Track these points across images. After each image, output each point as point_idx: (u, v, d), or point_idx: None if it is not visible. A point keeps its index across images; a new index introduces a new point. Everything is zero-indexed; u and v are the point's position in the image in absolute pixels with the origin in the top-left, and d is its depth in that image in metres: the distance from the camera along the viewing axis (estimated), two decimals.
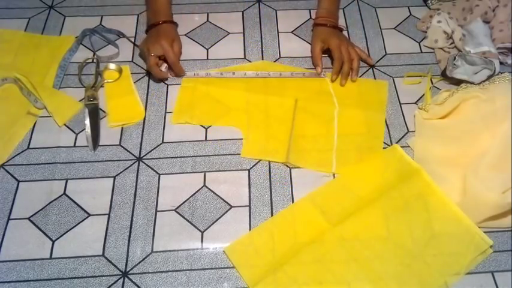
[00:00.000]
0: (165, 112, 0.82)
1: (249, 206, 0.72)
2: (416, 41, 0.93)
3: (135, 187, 0.73)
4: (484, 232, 0.68)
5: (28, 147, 0.77)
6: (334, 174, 0.75)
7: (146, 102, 0.83)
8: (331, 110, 0.82)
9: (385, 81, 0.87)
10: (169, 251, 0.67)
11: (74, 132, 0.79)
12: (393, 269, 0.65)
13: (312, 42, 0.89)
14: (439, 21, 0.89)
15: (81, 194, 0.72)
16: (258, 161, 0.76)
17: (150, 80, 0.86)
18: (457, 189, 0.71)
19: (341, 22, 0.95)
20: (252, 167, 0.76)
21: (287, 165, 0.76)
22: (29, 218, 0.70)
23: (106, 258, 0.67)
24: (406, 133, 0.80)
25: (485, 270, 0.66)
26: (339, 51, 0.84)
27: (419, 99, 0.84)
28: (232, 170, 0.75)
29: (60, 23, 0.94)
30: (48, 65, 0.86)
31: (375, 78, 0.87)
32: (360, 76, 0.87)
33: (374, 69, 0.88)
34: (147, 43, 0.83)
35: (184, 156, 0.76)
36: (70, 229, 0.69)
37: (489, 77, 0.80)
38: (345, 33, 0.92)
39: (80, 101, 0.82)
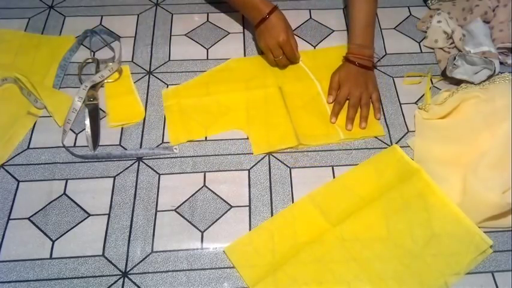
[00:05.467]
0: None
1: (249, 206, 0.72)
2: (416, 41, 0.93)
3: (135, 187, 0.73)
4: (484, 232, 0.68)
5: (28, 147, 0.77)
6: (334, 174, 0.75)
7: (146, 102, 0.83)
8: (314, 86, 0.85)
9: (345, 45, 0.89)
10: (169, 251, 0.67)
11: (74, 132, 0.79)
12: (393, 269, 0.65)
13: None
14: (439, 21, 0.89)
15: (81, 194, 0.72)
16: (258, 161, 0.76)
17: (150, 80, 0.86)
18: (457, 189, 0.71)
19: (341, 22, 0.95)
20: (252, 167, 0.76)
21: (300, 147, 0.77)
22: (29, 218, 0.70)
23: (106, 258, 0.67)
24: (406, 133, 0.80)
25: (485, 270, 0.67)
26: (345, 93, 0.80)
27: (419, 99, 0.84)
28: (232, 170, 0.75)
29: (60, 23, 0.94)
30: (48, 65, 0.86)
31: None
32: None
33: (374, 69, 0.88)
34: (264, 41, 0.82)
35: (184, 156, 0.76)
36: (70, 229, 0.69)
37: (489, 77, 0.80)
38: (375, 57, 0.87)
39: None
